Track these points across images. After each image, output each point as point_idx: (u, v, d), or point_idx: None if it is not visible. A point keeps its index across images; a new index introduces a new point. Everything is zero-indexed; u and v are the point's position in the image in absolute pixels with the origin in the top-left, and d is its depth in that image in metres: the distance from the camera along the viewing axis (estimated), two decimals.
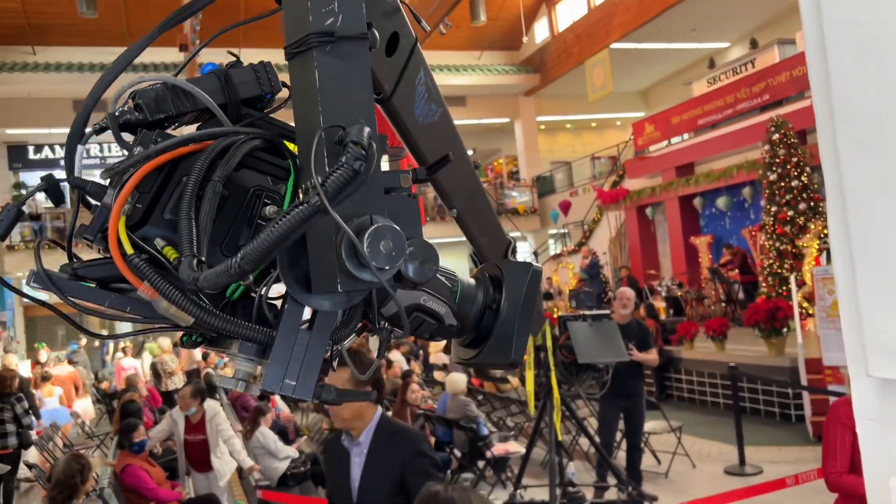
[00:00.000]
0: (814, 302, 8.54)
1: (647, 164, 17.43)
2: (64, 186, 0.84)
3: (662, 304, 14.05)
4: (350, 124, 0.70)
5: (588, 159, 22.48)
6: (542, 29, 22.70)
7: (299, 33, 0.77)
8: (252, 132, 0.83)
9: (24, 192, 19.54)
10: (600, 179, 20.54)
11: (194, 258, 0.72)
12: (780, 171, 11.36)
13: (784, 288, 10.84)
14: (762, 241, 12.01)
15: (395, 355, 12.05)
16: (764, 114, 13.37)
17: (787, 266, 11.17)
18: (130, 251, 0.74)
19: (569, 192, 21.83)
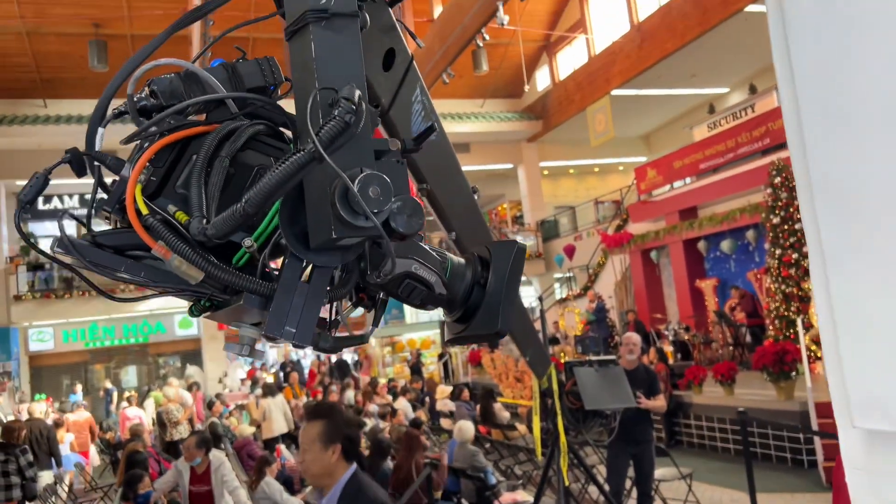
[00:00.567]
0: (821, 345, 8.48)
1: (650, 208, 17.51)
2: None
3: (670, 349, 13.94)
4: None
5: (591, 203, 22.59)
6: (544, 77, 23.09)
7: (298, 14, 0.86)
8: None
9: (32, 241, 19.64)
10: (604, 223, 20.62)
11: (204, 218, 0.81)
12: (783, 213, 11.42)
13: (791, 331, 10.79)
14: (768, 284, 11.99)
15: (400, 402, 11.88)
16: (765, 157, 13.46)
17: (793, 309, 11.14)
18: (146, 212, 0.83)
19: (573, 237, 21.91)
